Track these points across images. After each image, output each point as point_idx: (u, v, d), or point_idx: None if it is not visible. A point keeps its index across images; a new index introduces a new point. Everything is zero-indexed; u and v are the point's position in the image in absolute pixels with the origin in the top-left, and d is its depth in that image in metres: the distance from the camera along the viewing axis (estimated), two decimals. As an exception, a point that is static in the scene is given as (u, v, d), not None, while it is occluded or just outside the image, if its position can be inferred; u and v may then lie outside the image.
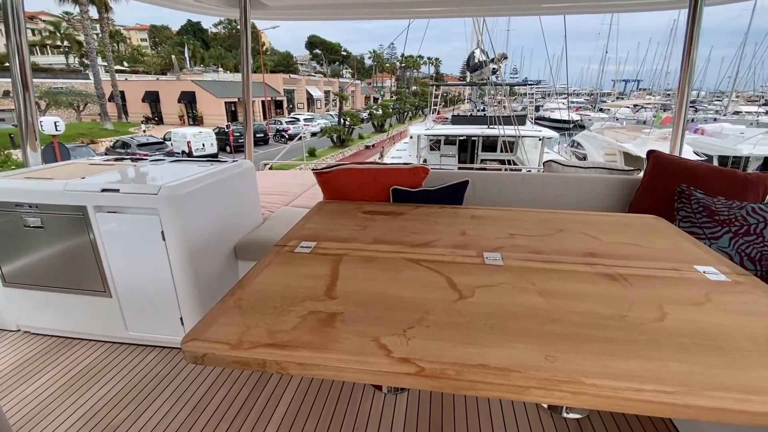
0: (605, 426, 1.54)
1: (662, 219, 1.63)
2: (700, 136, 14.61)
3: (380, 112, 29.25)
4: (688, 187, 1.76)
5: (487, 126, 12.25)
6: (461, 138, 13.94)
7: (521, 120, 13.24)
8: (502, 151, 14.30)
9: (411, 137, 14.23)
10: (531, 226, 1.56)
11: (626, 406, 0.74)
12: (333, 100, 43.09)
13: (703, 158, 12.46)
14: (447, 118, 14.29)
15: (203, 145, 18.73)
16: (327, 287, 1.10)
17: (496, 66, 12.89)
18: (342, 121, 24.18)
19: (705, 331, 0.91)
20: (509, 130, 11.58)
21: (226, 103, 30.29)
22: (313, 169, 1.87)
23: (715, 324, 0.94)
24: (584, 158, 14.66)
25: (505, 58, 13.61)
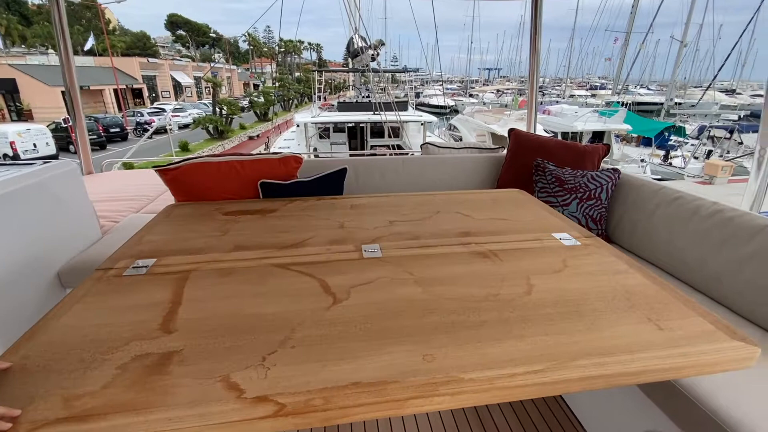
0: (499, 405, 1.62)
1: (524, 192, 1.75)
2: (547, 116, 17.23)
3: (262, 99, 27.39)
4: (542, 160, 1.93)
5: (372, 112, 12.43)
6: (350, 125, 13.96)
7: (404, 106, 13.80)
8: (389, 136, 14.79)
9: (298, 126, 13.69)
10: (410, 210, 1.52)
11: (502, 396, 0.71)
12: (206, 88, 38.97)
13: (551, 134, 14.76)
14: (333, 105, 14.10)
15: (35, 145, 15.01)
16: (164, 318, 0.86)
17: (374, 52, 13.07)
18: (218, 110, 21.95)
19: (565, 298, 0.95)
20: (393, 116, 11.99)
21: (64, 92, 24.79)
22: (155, 167, 1.53)
23: (573, 289, 0.99)
24: (460, 140, 16.07)
25: (383, 44, 13.93)
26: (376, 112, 12.55)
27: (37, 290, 1.57)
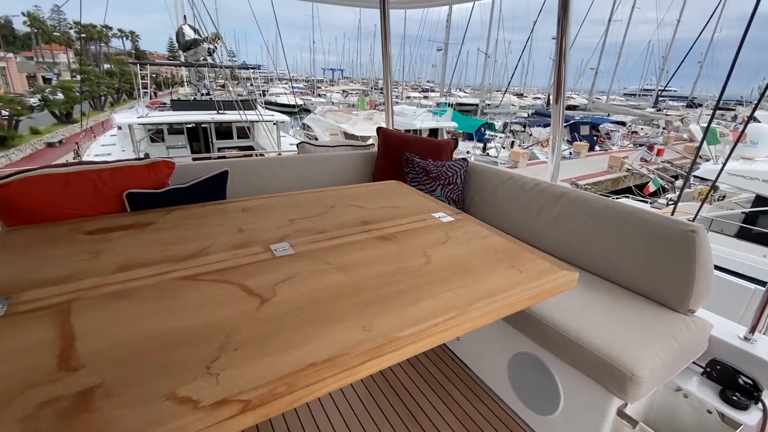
0: (400, 365, 1.83)
1: (401, 182, 1.99)
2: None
3: (61, 96, 21.82)
4: (410, 154, 2.22)
5: (216, 111, 11.41)
6: (189, 126, 12.48)
7: (251, 105, 13.10)
8: (238, 137, 13.84)
9: (120, 128, 11.53)
10: (306, 207, 1.56)
11: (433, 341, 0.87)
12: (-35, 80, 28.95)
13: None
14: (165, 104, 12.38)
15: None
16: (59, 357, 0.73)
17: (211, 46, 11.96)
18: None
19: (454, 261, 1.18)
20: (243, 116, 11.31)
21: None
22: None
23: (458, 254, 1.24)
24: (316, 139, 16.25)
25: (219, 38, 12.85)
26: (220, 112, 11.56)
27: None
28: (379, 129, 2.53)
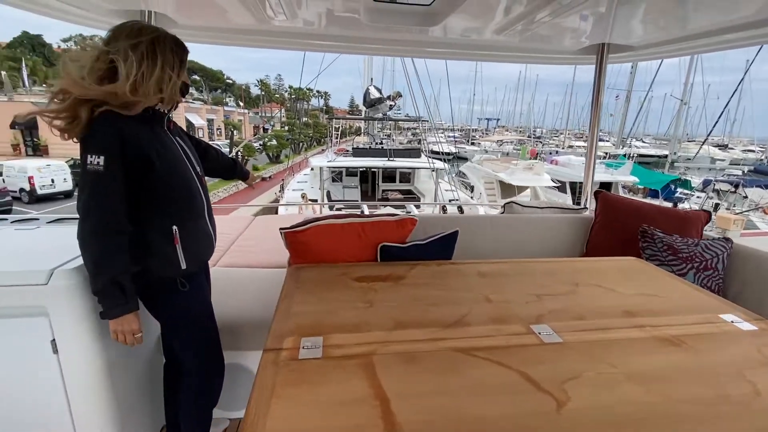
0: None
1: (642, 260, 1.70)
2: (554, 166, 17.65)
3: (274, 142, 28.17)
4: (649, 227, 1.89)
5: (387, 158, 12.74)
6: (362, 169, 14.26)
7: (417, 153, 14.20)
8: (400, 181, 15.13)
9: (312, 169, 13.96)
10: (544, 280, 1.45)
11: None
12: (217, 129, 40.29)
13: (557, 184, 15.03)
14: (348, 150, 14.47)
15: (52, 180, 15.17)
16: (383, 419, 0.76)
17: (392, 103, 13.64)
18: (235, 152, 22.51)
19: (801, 401, 0.86)
20: (408, 163, 12.42)
21: (81, 129, 25.39)
22: (281, 229, 1.48)
23: (799, 388, 0.90)
24: (471, 188, 16.34)
25: (400, 95, 14.57)
26: (390, 158, 12.90)
27: (144, 358, 1.46)
28: (597, 193, 2.28)
